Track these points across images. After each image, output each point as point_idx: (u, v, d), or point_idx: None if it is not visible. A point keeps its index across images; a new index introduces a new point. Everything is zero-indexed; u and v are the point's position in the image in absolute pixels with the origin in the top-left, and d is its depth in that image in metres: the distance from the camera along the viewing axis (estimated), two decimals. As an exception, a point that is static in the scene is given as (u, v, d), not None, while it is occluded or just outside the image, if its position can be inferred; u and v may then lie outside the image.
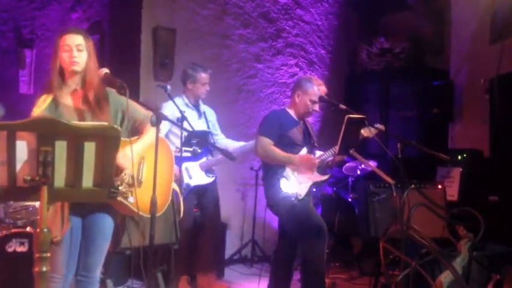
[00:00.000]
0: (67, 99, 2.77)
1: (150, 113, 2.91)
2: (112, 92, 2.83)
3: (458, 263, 3.56)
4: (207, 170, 4.59)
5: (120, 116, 2.86)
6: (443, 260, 2.98)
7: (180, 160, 4.03)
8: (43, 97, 2.72)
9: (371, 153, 5.74)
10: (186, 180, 4.41)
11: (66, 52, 2.71)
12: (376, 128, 4.08)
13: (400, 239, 3.36)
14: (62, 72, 2.75)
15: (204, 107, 4.73)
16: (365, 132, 4.10)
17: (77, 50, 2.71)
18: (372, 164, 4.81)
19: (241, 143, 4.72)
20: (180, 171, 4.17)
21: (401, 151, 3.58)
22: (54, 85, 2.73)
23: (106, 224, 2.85)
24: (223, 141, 4.77)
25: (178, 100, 4.35)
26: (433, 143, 4.77)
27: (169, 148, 3.18)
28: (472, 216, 3.41)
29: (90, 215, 2.81)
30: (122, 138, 2.64)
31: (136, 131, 2.92)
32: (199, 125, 4.52)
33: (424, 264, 3.46)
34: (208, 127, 4.66)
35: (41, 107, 2.67)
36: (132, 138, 2.87)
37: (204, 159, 4.55)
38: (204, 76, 4.58)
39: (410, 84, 6.40)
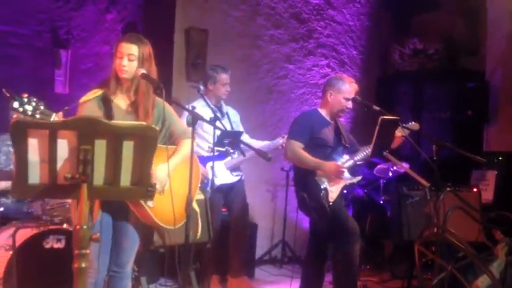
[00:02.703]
0: (117, 99, 2.88)
1: (187, 129, 3.02)
2: (159, 100, 2.91)
3: (495, 267, 3.49)
4: (233, 169, 4.60)
5: (160, 124, 2.94)
6: (480, 264, 2.93)
7: (212, 160, 4.05)
8: (95, 90, 2.86)
9: (403, 155, 5.67)
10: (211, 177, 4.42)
11: (118, 59, 2.83)
12: (409, 128, 4.04)
13: (434, 242, 3.32)
14: (117, 75, 2.87)
15: (227, 108, 4.74)
16: (398, 131, 4.06)
17: (128, 59, 2.81)
18: (405, 166, 4.75)
19: (266, 142, 4.72)
20: (208, 169, 4.19)
21: (437, 153, 3.53)
22: (108, 84, 2.86)
23: (135, 226, 2.91)
24: (248, 141, 4.76)
25: (199, 102, 4.37)
26: (467, 146, 4.69)
27: (198, 165, 3.19)
28: (509, 221, 3.35)
29: (120, 214, 2.86)
30: (159, 145, 2.68)
31: (171, 144, 2.98)
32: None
33: (458, 269, 3.41)
34: (232, 128, 4.65)
35: (89, 97, 2.81)
36: (169, 147, 2.90)
37: (229, 159, 4.56)
38: (224, 77, 4.58)
39: (444, 85, 6.31)
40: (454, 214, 3.24)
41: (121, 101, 2.89)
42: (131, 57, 2.81)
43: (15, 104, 2.36)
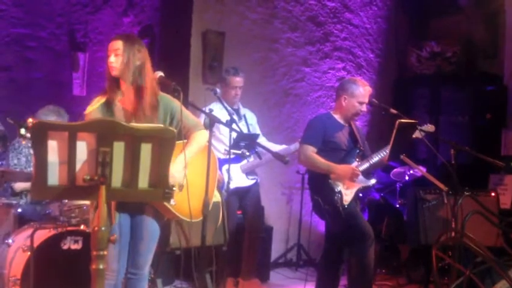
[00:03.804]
0: (119, 102, 2.87)
1: (199, 122, 3.02)
2: (164, 96, 2.91)
3: (515, 273, 3.45)
4: (248, 173, 4.60)
5: (168, 120, 2.92)
6: (499, 269, 2.89)
7: (228, 162, 4.06)
8: (98, 97, 2.86)
9: (419, 159, 5.64)
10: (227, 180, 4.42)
11: (107, 58, 2.82)
12: (425, 130, 4.01)
13: (452, 246, 3.29)
14: (111, 76, 2.84)
15: (244, 110, 4.73)
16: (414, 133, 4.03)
17: (114, 54, 2.80)
18: (422, 169, 4.72)
19: (283, 146, 4.70)
20: (223, 173, 4.20)
21: (455, 157, 3.50)
22: (108, 88, 2.85)
23: (153, 224, 2.93)
24: (265, 144, 4.75)
25: (216, 104, 4.38)
26: (485, 150, 4.66)
27: (215, 158, 3.19)
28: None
29: (138, 215, 2.88)
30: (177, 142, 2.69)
31: (183, 138, 2.96)
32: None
33: (476, 274, 3.37)
34: (249, 130, 4.64)
35: (94, 106, 2.81)
36: (185, 141, 2.92)
37: (244, 162, 4.55)
38: (235, 79, 4.54)
39: (461, 89, 6.26)
40: (472, 218, 3.21)
41: (124, 104, 2.87)
42: (117, 52, 2.78)
43: (22, 131, 2.41)
